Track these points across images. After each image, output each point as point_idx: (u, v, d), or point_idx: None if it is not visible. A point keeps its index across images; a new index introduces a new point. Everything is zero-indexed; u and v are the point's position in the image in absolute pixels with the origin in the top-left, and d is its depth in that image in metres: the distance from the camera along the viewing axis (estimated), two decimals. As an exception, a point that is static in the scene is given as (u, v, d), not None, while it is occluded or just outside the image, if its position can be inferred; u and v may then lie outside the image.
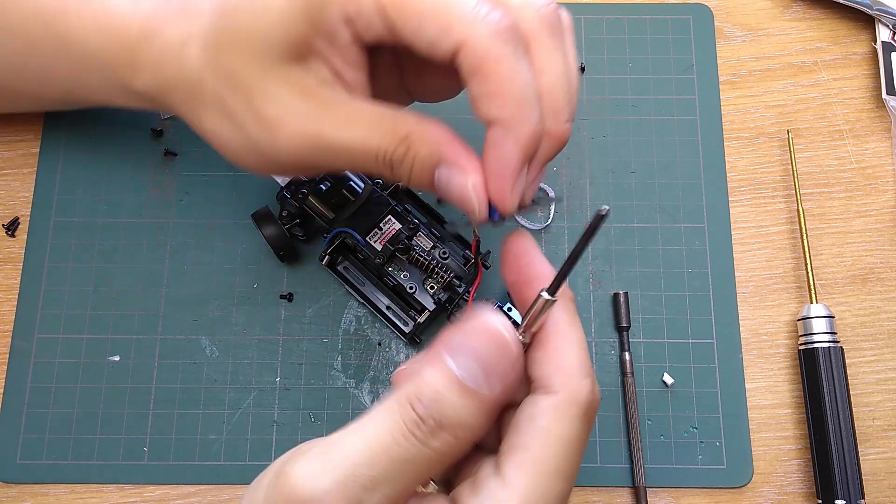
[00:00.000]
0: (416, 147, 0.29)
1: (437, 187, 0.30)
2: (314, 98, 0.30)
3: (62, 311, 0.45)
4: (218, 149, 0.34)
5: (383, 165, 0.30)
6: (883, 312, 0.45)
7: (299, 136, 0.30)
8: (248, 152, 0.32)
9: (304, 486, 0.24)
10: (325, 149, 0.30)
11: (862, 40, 0.51)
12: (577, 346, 0.27)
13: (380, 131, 0.29)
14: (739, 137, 0.48)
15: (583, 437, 0.26)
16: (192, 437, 0.43)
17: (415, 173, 0.29)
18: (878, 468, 0.43)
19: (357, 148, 0.29)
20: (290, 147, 0.30)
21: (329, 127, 0.30)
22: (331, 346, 0.44)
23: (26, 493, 0.42)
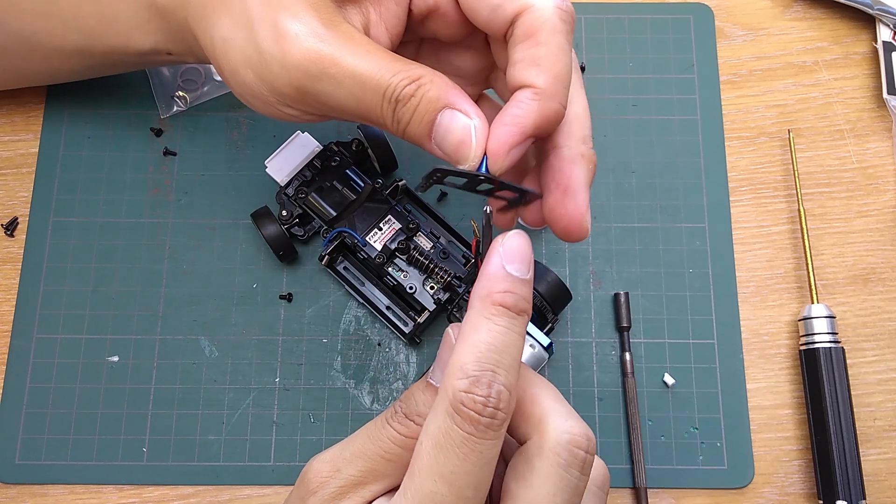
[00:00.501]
0: (425, 87, 0.29)
1: (435, 132, 0.29)
2: (337, 28, 0.30)
3: (61, 311, 0.45)
4: (220, 61, 0.33)
5: (387, 103, 0.29)
6: (884, 312, 0.45)
7: (313, 55, 0.29)
8: (252, 66, 0.31)
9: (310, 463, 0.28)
10: (332, 73, 0.29)
11: (863, 40, 0.50)
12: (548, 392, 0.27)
13: (393, 68, 0.29)
14: (740, 137, 0.48)
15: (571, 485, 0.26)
16: (192, 438, 0.43)
17: (417, 114, 0.29)
18: (879, 468, 0.43)
19: (368, 78, 0.29)
20: (297, 63, 0.30)
21: (344, 53, 0.29)
22: (330, 346, 0.44)
23: (25, 494, 0.42)
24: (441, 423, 0.25)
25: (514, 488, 0.26)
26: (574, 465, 0.26)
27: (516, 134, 0.28)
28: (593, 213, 0.47)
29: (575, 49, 0.49)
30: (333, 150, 0.44)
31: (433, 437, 0.25)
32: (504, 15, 0.29)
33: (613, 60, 0.49)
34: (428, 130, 0.29)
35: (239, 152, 0.48)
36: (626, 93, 0.49)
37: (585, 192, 0.30)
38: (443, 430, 0.25)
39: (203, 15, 0.33)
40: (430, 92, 0.29)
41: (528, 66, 0.28)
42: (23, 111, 0.48)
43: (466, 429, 0.25)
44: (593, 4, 0.50)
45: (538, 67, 0.28)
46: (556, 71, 0.28)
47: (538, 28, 0.28)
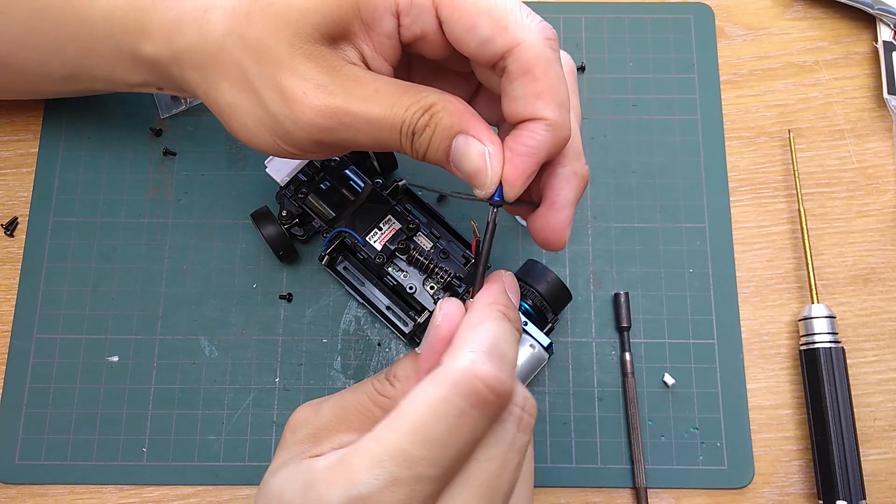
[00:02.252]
0: (439, 115, 0.29)
1: (452, 157, 0.30)
2: (339, 74, 0.30)
3: (61, 311, 0.45)
4: (231, 123, 0.33)
5: (405, 137, 0.30)
6: (884, 313, 0.45)
7: (325, 111, 0.30)
8: (265, 128, 0.32)
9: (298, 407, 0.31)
10: (347, 123, 0.30)
11: (863, 40, 0.50)
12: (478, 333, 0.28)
13: (405, 102, 0.30)
14: (740, 137, 0.48)
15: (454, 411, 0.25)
16: (191, 438, 0.43)
17: (434, 141, 0.30)
18: (879, 469, 0.43)
19: (382, 119, 0.30)
20: (311, 121, 0.30)
21: (354, 100, 0.30)
22: (330, 346, 0.44)
23: (25, 494, 0.42)
24: (441, 391, 0.25)
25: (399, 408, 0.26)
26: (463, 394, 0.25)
27: (532, 164, 0.29)
28: (593, 213, 0.47)
29: (575, 49, 0.49)
30: (333, 150, 0.44)
31: (428, 401, 0.25)
32: (493, 50, 0.29)
33: (613, 60, 0.49)
34: (445, 156, 0.30)
35: (239, 152, 0.48)
36: (626, 93, 0.49)
37: (571, 208, 0.31)
38: (442, 399, 0.25)
39: (200, 79, 0.33)
40: (444, 120, 0.29)
41: (532, 100, 0.29)
42: (23, 111, 0.48)
43: (469, 402, 0.25)
44: (593, 4, 0.50)
45: (543, 101, 0.29)
46: (560, 100, 0.29)
47: (533, 64, 0.29)
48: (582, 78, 0.49)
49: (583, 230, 0.46)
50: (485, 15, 0.29)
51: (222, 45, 0.32)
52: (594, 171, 0.47)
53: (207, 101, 0.34)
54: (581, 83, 0.49)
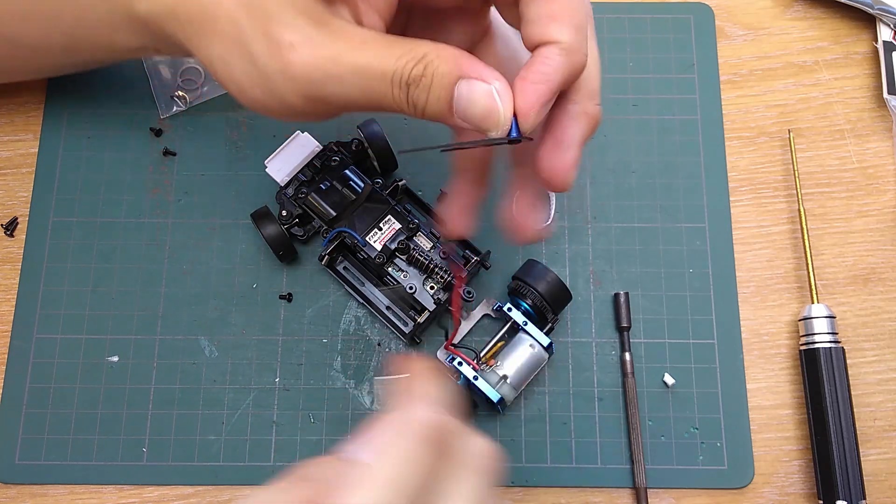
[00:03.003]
0: (434, 64, 0.28)
1: (456, 106, 0.28)
2: (330, 26, 0.30)
3: (61, 311, 0.45)
4: (223, 79, 0.33)
5: (399, 88, 0.28)
6: (884, 313, 0.45)
7: (313, 61, 0.29)
8: (257, 83, 0.31)
9: None
10: (335, 74, 0.29)
11: (863, 40, 0.50)
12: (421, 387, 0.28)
13: (396, 52, 0.28)
14: (740, 137, 0.48)
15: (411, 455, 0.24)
16: (191, 438, 0.43)
17: (433, 92, 0.28)
18: (879, 469, 0.43)
19: (372, 68, 0.28)
20: (302, 73, 0.29)
21: (344, 49, 0.29)
22: (330, 346, 0.44)
23: (25, 494, 0.42)
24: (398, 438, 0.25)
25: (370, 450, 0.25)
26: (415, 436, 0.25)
27: (546, 92, 0.27)
28: (593, 212, 0.47)
29: (575, 49, 0.49)
30: (333, 150, 0.44)
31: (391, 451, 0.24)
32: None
33: (613, 60, 0.49)
34: (448, 107, 0.28)
35: (239, 152, 0.48)
36: (627, 93, 0.49)
37: (578, 148, 0.30)
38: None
39: (192, 33, 0.33)
40: (440, 67, 0.28)
41: (547, 22, 0.28)
42: (23, 111, 0.48)
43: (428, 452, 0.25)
44: (594, 4, 0.50)
45: (558, 22, 0.27)
46: (577, 22, 0.28)
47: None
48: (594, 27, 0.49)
49: (583, 230, 0.46)
50: None
51: (218, 4, 0.31)
52: (594, 171, 0.47)
53: (200, 56, 0.33)
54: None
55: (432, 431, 0.25)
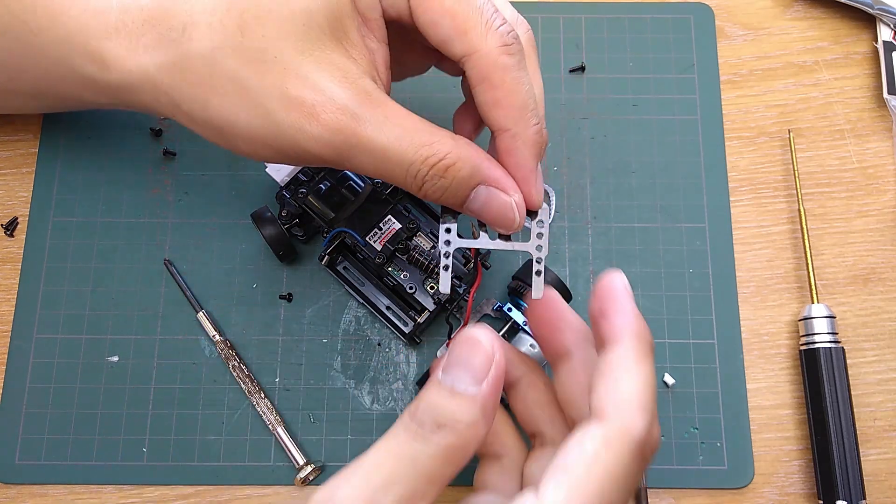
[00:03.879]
0: (456, 168, 0.29)
1: (471, 204, 0.31)
2: (355, 87, 0.29)
3: (61, 311, 0.45)
4: (225, 135, 0.32)
5: (410, 177, 0.30)
6: (884, 313, 0.45)
7: (333, 128, 0.29)
8: (266, 139, 0.31)
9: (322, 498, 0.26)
10: (356, 146, 0.29)
11: (863, 40, 0.50)
12: (639, 382, 0.27)
13: (417, 140, 0.29)
14: (740, 137, 0.48)
15: (630, 474, 0.25)
16: (192, 438, 0.43)
17: (450, 191, 0.30)
18: (879, 469, 0.43)
19: (392, 152, 0.29)
20: (320, 137, 0.29)
21: (365, 124, 0.29)
22: (330, 346, 0.44)
23: (25, 494, 0.42)
24: (617, 456, 0.25)
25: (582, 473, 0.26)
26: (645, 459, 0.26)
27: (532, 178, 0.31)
28: (593, 213, 0.47)
29: (575, 49, 0.49)
30: (333, 150, 0.44)
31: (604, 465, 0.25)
32: (453, 52, 0.30)
33: (613, 60, 0.49)
34: (461, 203, 0.31)
35: (239, 152, 0.48)
36: (626, 93, 0.49)
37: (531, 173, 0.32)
38: (617, 462, 0.25)
39: (181, 98, 0.32)
40: (462, 172, 0.30)
41: (494, 109, 0.30)
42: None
43: (640, 466, 0.26)
44: (593, 4, 0.50)
45: (504, 110, 0.30)
46: (521, 104, 0.30)
47: (488, 72, 0.30)
48: (582, 78, 0.49)
49: (583, 230, 0.46)
50: (447, 16, 0.30)
51: (211, 62, 0.30)
52: (594, 171, 0.47)
53: (192, 119, 0.33)
54: (581, 83, 0.49)
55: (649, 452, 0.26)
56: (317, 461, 0.42)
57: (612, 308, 0.28)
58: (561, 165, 0.47)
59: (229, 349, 0.43)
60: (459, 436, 0.26)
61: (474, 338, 0.27)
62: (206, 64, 0.31)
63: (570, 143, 0.48)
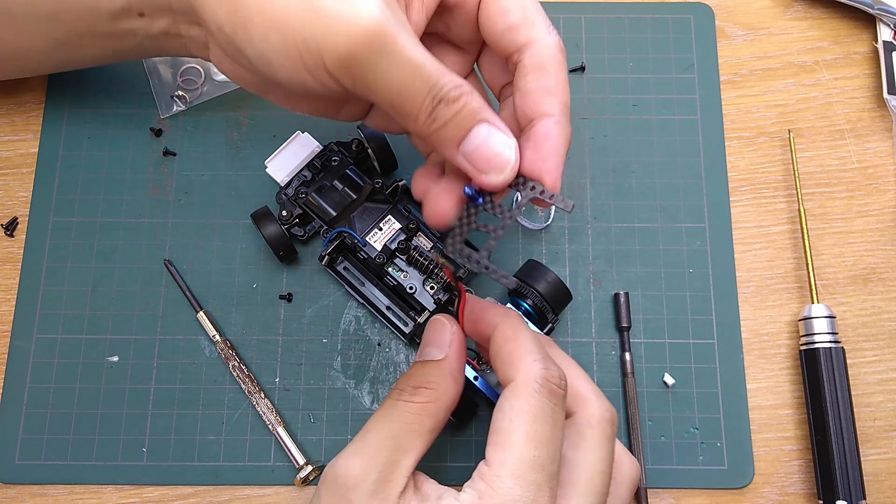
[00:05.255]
0: (468, 97, 0.30)
1: (466, 144, 0.30)
2: (394, 8, 0.30)
3: (61, 311, 0.45)
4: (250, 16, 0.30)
5: (430, 100, 0.30)
6: (884, 313, 0.45)
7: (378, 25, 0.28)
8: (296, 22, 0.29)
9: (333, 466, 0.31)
10: (392, 53, 0.28)
11: (863, 40, 0.50)
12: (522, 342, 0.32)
13: (440, 68, 0.30)
14: (740, 137, 0.48)
15: (547, 411, 0.30)
16: (191, 438, 0.43)
17: (457, 118, 0.30)
18: (879, 469, 0.43)
19: (423, 69, 0.29)
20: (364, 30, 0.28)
21: (404, 35, 0.29)
22: (330, 346, 0.44)
23: (25, 494, 0.42)
24: (530, 400, 0.30)
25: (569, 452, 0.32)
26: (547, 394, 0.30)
27: (560, 160, 0.33)
28: (593, 213, 0.47)
29: (575, 49, 0.49)
30: (333, 150, 0.44)
31: (527, 412, 0.30)
32: (514, 39, 0.33)
33: (613, 60, 0.49)
34: (460, 138, 0.30)
35: (239, 152, 0.48)
36: (626, 93, 0.49)
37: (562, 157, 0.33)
38: (534, 405, 0.30)
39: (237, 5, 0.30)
40: (473, 102, 0.30)
41: (543, 95, 0.32)
42: (23, 111, 0.48)
43: (553, 401, 0.30)
44: (593, 4, 0.50)
45: (553, 97, 0.32)
46: (566, 100, 0.33)
47: (546, 62, 0.32)
48: (582, 78, 0.49)
49: (583, 230, 0.46)
50: (518, 6, 0.32)
51: None
52: (594, 171, 0.47)
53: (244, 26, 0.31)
54: (581, 83, 0.49)
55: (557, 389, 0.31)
56: (317, 461, 0.42)
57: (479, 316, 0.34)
58: (561, 165, 0.47)
59: (229, 349, 0.43)
60: (432, 390, 0.32)
61: (438, 320, 0.34)
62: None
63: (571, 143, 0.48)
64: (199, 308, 0.44)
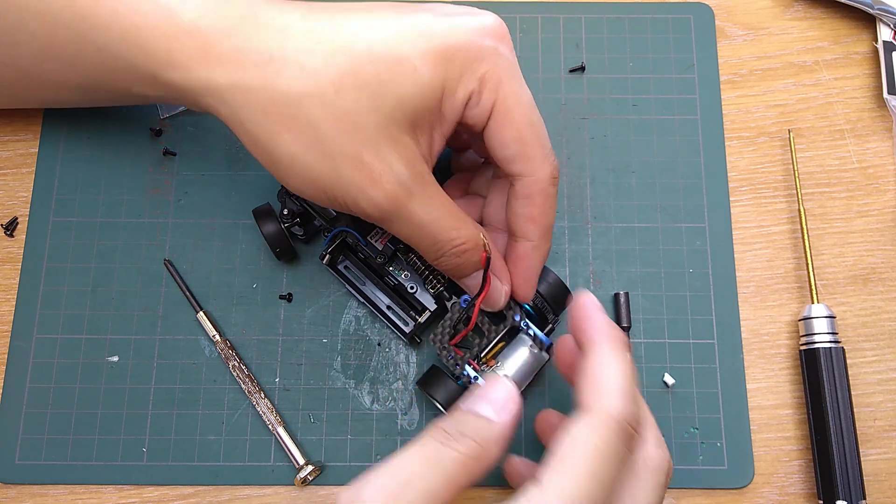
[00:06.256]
0: (469, 254, 0.36)
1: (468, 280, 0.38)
2: (413, 168, 0.34)
3: (61, 311, 0.45)
4: (282, 167, 0.34)
5: (433, 249, 0.36)
6: (884, 313, 0.45)
7: (390, 196, 0.33)
8: (324, 185, 0.34)
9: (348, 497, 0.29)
10: (401, 216, 0.34)
11: (863, 40, 0.50)
12: (613, 374, 0.31)
13: (448, 224, 0.35)
14: (740, 137, 0.48)
15: (616, 452, 0.29)
16: (191, 438, 0.43)
17: (459, 268, 0.37)
18: (879, 469, 0.43)
19: (428, 230, 0.35)
20: (376, 200, 0.33)
21: (416, 202, 0.34)
22: (330, 346, 0.44)
23: (25, 494, 0.42)
24: (606, 437, 0.29)
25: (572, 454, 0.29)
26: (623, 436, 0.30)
27: (533, 281, 0.38)
28: (593, 213, 0.47)
29: (575, 49, 0.49)
30: (333, 150, 0.44)
31: (597, 448, 0.29)
32: (510, 169, 0.36)
33: (613, 60, 0.49)
34: (462, 277, 0.38)
35: (239, 152, 0.48)
36: (626, 93, 0.49)
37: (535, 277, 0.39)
38: (608, 444, 0.29)
39: (253, 121, 0.33)
40: (475, 257, 0.36)
41: (526, 221, 0.36)
42: (23, 111, 0.48)
43: (626, 446, 0.29)
44: (593, 4, 0.50)
45: (535, 225, 0.36)
46: (547, 225, 0.37)
47: (535, 194, 0.36)
48: (582, 78, 0.49)
49: (583, 230, 0.46)
50: (518, 141, 0.35)
51: (297, 104, 0.32)
52: (594, 170, 0.47)
53: (254, 141, 0.34)
54: (581, 83, 0.49)
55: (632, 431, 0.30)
56: (317, 461, 0.42)
57: (585, 322, 0.33)
58: (561, 165, 0.47)
59: (229, 349, 0.43)
60: (479, 446, 0.30)
61: (499, 378, 0.33)
62: (290, 105, 0.32)
63: (570, 143, 0.48)
64: (199, 308, 0.44)
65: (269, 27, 0.33)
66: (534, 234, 0.37)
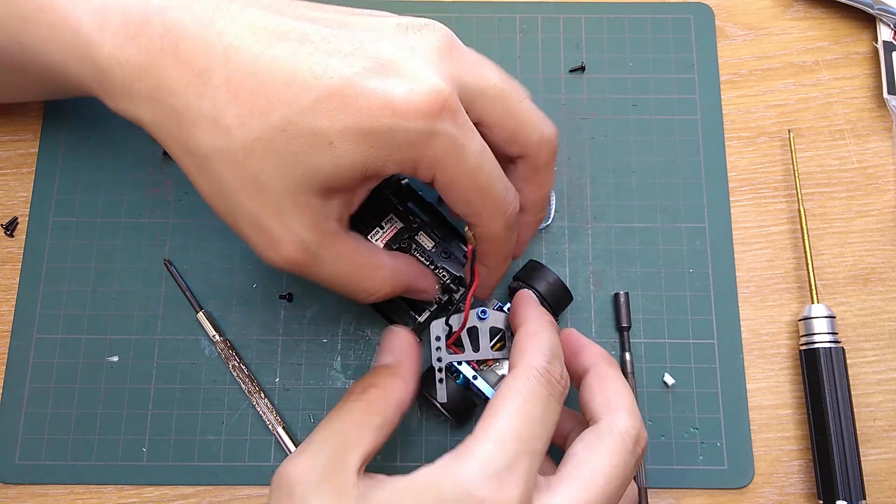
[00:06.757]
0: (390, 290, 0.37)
1: None
2: (320, 230, 0.33)
3: (61, 311, 0.45)
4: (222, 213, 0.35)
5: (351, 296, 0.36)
6: (884, 313, 0.45)
7: (291, 260, 0.33)
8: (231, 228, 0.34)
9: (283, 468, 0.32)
10: (310, 276, 0.35)
11: (863, 40, 0.50)
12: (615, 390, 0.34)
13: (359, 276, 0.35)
14: (740, 137, 0.48)
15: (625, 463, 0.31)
16: (191, 438, 0.43)
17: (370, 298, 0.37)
18: (879, 469, 0.43)
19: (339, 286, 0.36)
20: (276, 263, 0.34)
21: (322, 263, 0.34)
22: (330, 346, 0.44)
23: (25, 494, 0.42)
24: (529, 384, 0.31)
25: (581, 452, 0.32)
26: (635, 452, 0.32)
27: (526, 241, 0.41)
28: (593, 213, 0.47)
29: (575, 49, 0.49)
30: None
31: (520, 391, 0.31)
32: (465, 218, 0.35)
33: (613, 60, 0.49)
34: None
35: (239, 152, 0.48)
36: (626, 93, 0.49)
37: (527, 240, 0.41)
38: (529, 388, 0.31)
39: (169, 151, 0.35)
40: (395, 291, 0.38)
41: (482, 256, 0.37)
42: (23, 111, 0.48)
43: (549, 390, 0.32)
44: (593, 4, 0.50)
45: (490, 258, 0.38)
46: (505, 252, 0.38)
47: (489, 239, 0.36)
48: (582, 78, 0.49)
49: (583, 230, 0.46)
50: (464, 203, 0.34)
51: (207, 157, 0.32)
52: (594, 170, 0.47)
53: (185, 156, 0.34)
54: (581, 83, 0.49)
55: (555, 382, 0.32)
56: (317, 461, 0.42)
57: (580, 348, 0.37)
58: (561, 165, 0.47)
59: (229, 349, 0.43)
60: (380, 391, 0.34)
61: (391, 329, 0.38)
62: (201, 156, 0.32)
63: (570, 143, 0.48)
64: (199, 308, 0.44)
65: (189, 67, 0.31)
66: (491, 264, 0.38)
